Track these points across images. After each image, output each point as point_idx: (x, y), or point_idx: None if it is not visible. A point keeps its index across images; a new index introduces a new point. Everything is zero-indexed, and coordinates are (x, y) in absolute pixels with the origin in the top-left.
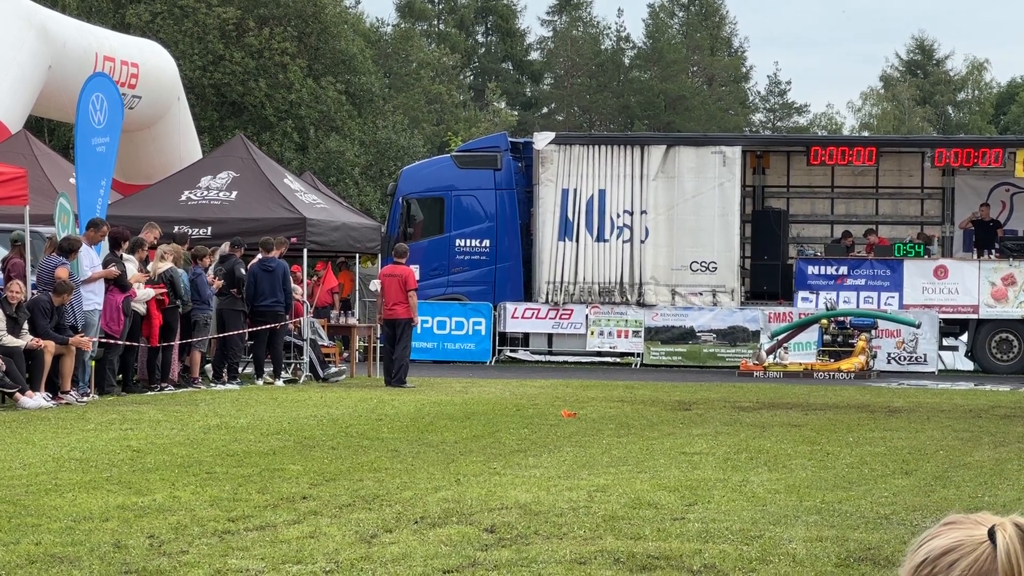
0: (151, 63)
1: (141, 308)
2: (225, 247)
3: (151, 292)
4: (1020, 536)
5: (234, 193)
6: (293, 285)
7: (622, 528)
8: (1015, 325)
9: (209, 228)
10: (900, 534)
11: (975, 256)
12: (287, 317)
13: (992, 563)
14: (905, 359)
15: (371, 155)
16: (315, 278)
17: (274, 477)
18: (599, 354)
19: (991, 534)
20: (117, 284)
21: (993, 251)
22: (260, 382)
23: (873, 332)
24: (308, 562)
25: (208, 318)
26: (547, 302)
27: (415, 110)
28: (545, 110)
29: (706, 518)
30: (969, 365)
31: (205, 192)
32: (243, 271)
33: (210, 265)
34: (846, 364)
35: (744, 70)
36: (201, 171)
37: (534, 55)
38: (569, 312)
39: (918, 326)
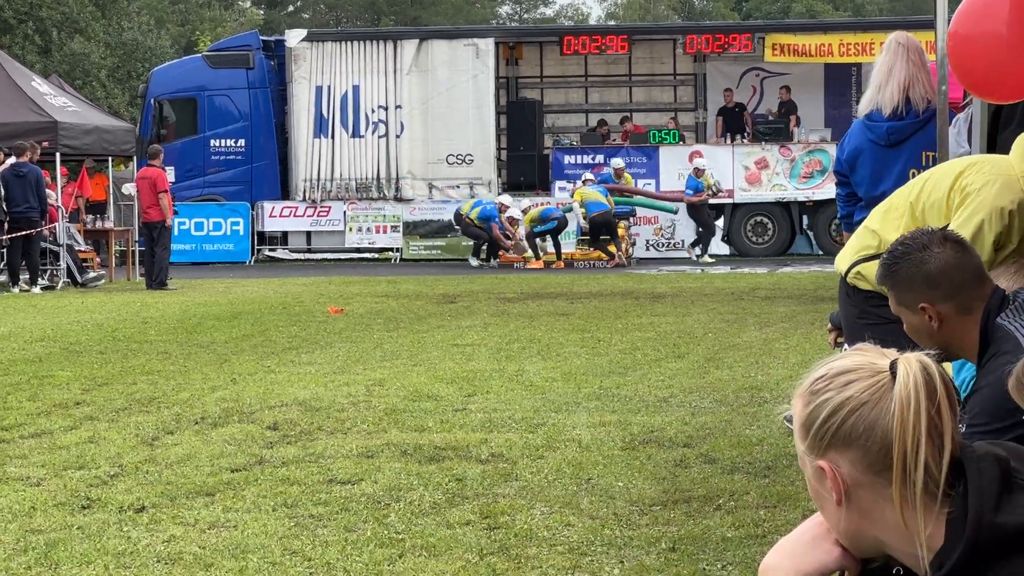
0: None
1: None
2: None
3: None
4: (923, 371)
5: None
6: (47, 190)
7: (405, 421)
8: (769, 208)
9: None
10: (681, 415)
11: (728, 141)
12: (42, 223)
13: (887, 392)
14: (663, 245)
15: (118, 57)
16: (69, 181)
17: (44, 384)
18: (358, 250)
19: (892, 366)
20: None
21: (745, 135)
22: (16, 290)
23: (631, 219)
24: (91, 467)
25: None
26: (304, 200)
27: (160, 11)
28: (291, 8)
29: (487, 408)
30: (725, 249)
31: None
32: None
33: None
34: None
35: None
36: None
37: None
38: (327, 209)
39: (675, 212)
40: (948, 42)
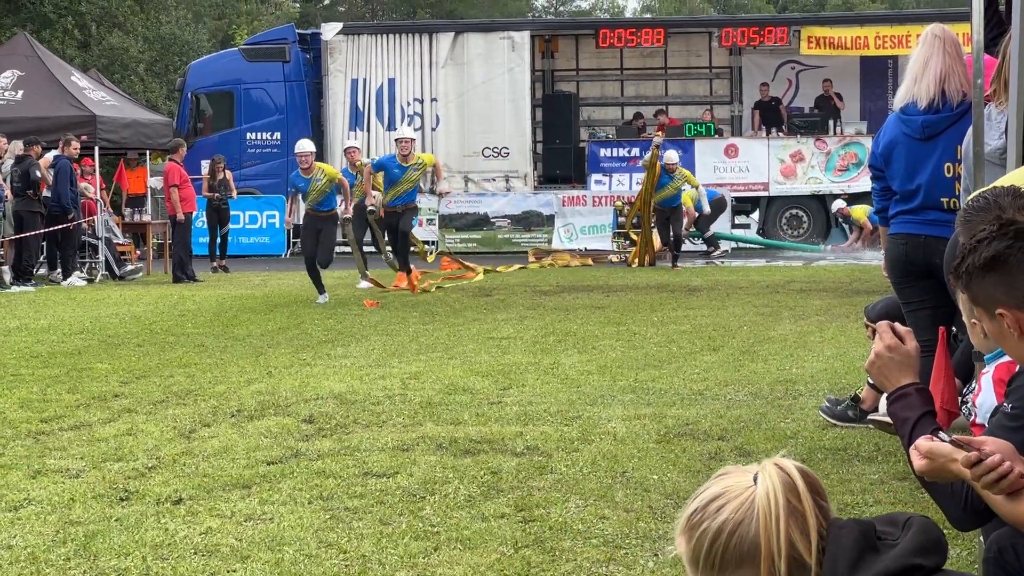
0: None
1: None
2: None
3: None
4: (780, 475)
5: (20, 92)
6: (84, 184)
7: (440, 414)
8: (804, 201)
9: None
10: (716, 408)
11: (764, 134)
12: (73, 216)
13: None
14: (699, 238)
15: (155, 51)
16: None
17: (82, 376)
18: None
19: (756, 479)
20: None
21: (781, 129)
22: (66, 283)
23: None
24: (129, 459)
25: None
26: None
27: (197, 5)
28: (327, 1)
29: (523, 401)
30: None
31: None
32: (39, 173)
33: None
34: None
35: None
36: None
37: None
38: None
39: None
40: None
